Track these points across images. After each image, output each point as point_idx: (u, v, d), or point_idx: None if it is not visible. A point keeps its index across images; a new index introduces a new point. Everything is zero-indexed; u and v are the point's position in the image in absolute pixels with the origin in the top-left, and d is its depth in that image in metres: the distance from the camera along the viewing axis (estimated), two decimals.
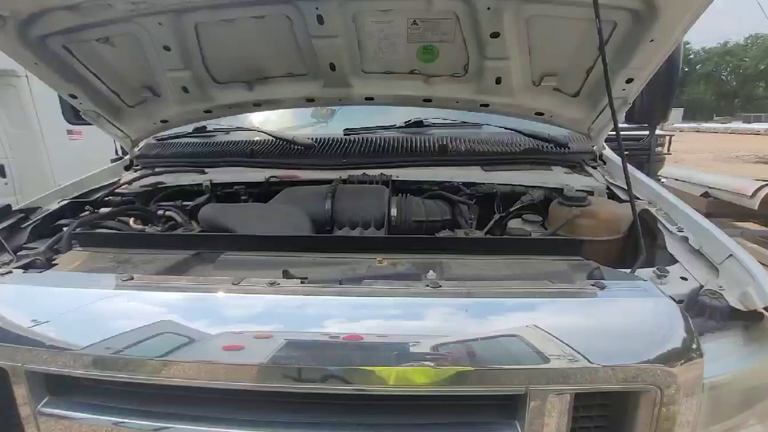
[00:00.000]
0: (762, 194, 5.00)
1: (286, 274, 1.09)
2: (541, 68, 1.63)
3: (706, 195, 6.04)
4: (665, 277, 1.15)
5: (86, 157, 5.62)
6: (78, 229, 1.49)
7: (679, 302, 0.99)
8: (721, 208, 5.67)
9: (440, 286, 0.96)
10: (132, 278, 1.04)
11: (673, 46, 1.38)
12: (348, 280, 1.05)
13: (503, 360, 0.85)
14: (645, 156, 4.89)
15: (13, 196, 5.28)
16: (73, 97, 1.77)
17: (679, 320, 0.90)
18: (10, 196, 5.23)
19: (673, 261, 1.25)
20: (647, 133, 3.62)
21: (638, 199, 1.59)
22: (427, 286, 0.96)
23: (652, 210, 1.49)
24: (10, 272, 1.12)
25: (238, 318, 0.92)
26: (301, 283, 0.99)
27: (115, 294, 0.99)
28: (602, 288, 0.95)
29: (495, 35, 1.47)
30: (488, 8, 1.37)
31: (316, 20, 1.46)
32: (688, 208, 1.42)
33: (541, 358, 0.84)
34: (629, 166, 1.79)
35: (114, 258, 1.31)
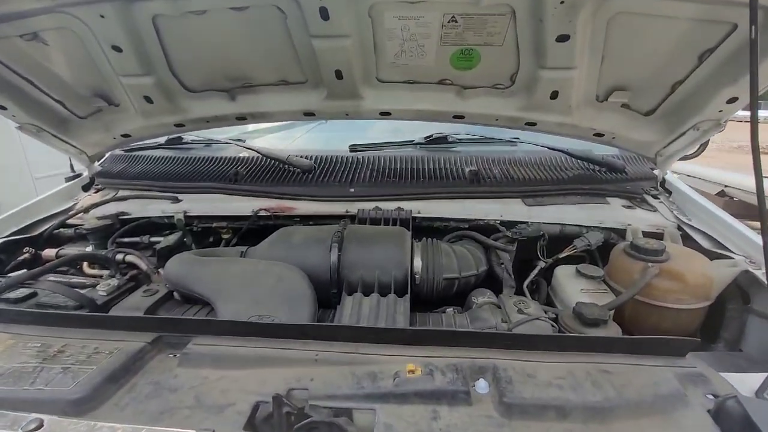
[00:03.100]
0: None
1: (277, 402, 0.74)
2: (612, 81, 1.25)
3: (722, 194, 5.74)
4: None
5: None
6: (1, 294, 1.12)
7: None
8: (739, 209, 5.37)
9: None
10: (41, 425, 0.68)
11: None
12: (369, 398, 0.75)
13: None
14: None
15: None
16: (2, 108, 1.36)
17: None
18: None
19: None
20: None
21: (731, 252, 1.25)
22: None
23: (758, 273, 1.14)
24: None
25: None
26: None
27: None
28: None
29: (562, 38, 1.08)
30: (561, 2, 0.98)
31: (318, 15, 1.06)
32: None
33: None
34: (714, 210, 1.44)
35: (41, 349, 0.95)
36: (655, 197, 1.58)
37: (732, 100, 1.16)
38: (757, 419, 0.68)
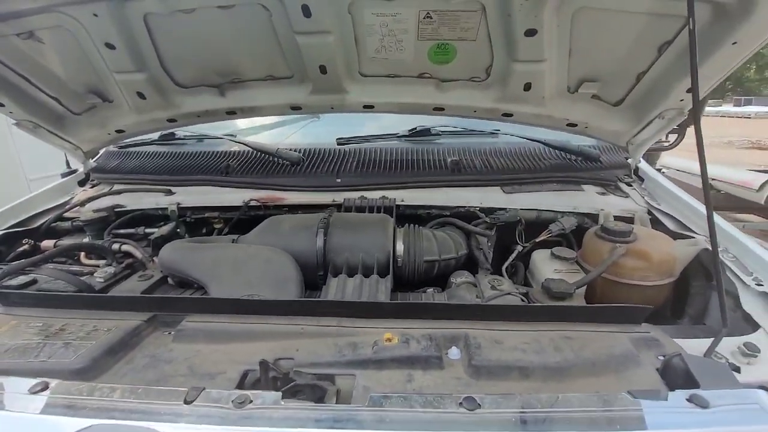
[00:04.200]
0: None
1: (264, 367, 0.81)
2: (581, 72, 1.33)
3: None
4: (755, 357, 0.89)
5: (59, 150, 5.18)
6: (2, 281, 1.18)
7: None
8: (725, 202, 5.48)
9: (480, 406, 0.68)
10: (46, 387, 0.74)
11: (756, 50, 1.08)
12: (350, 364, 0.82)
13: None
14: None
15: None
16: (0, 105, 1.42)
17: None
18: None
19: (752, 324, 1.00)
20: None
21: (694, 233, 1.33)
22: (461, 404, 0.69)
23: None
24: None
25: None
26: (282, 398, 0.71)
27: (15, 418, 0.70)
28: (704, 407, 0.68)
29: (530, 33, 1.15)
30: None
31: (301, 12, 1.12)
32: (766, 252, 1.16)
33: None
34: (684, 197, 1.53)
35: (43, 327, 1.01)
36: (628, 184, 1.66)
37: (691, 90, 1.24)
38: (696, 372, 0.76)
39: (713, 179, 5.79)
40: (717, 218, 1.36)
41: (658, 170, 2.06)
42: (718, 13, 1.01)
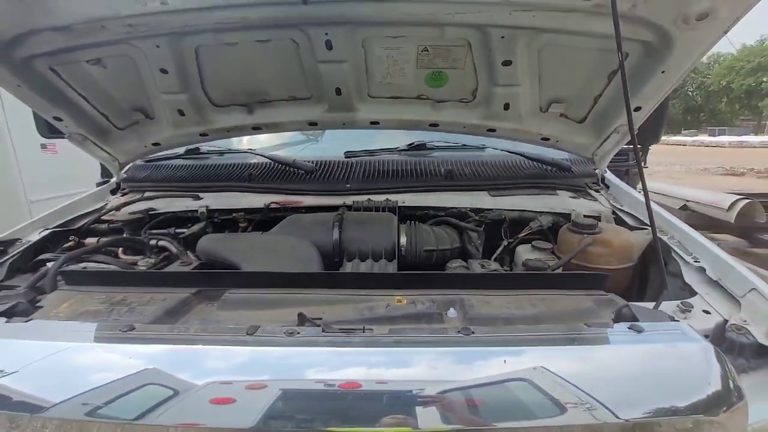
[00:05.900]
0: (738, 207, 5.17)
1: (302, 318, 1.01)
2: (549, 95, 1.63)
3: (684, 208, 6.24)
4: (689, 312, 1.13)
5: (61, 172, 5.34)
6: (65, 265, 1.37)
7: (704, 337, 0.97)
8: (699, 221, 5.85)
9: (473, 333, 0.90)
10: (133, 328, 0.94)
11: (683, 76, 1.39)
12: (368, 321, 1.00)
13: (535, 413, 0.79)
14: (624, 169, 5.00)
15: None
16: (58, 119, 1.65)
17: (718, 364, 0.87)
18: None
19: (691, 293, 1.24)
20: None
21: (648, 226, 1.59)
22: (459, 332, 0.91)
23: (664, 238, 1.49)
24: None
25: (259, 377, 0.84)
26: (323, 331, 0.92)
27: (116, 349, 0.89)
28: (639, 332, 0.91)
29: (506, 63, 1.45)
30: (502, 37, 1.35)
31: (324, 46, 1.41)
32: (702, 238, 1.42)
33: (578, 412, 0.79)
34: (634, 192, 1.81)
35: (106, 299, 1.20)
36: (596, 191, 1.94)
37: (637, 109, 1.54)
38: (639, 316, 1.00)
39: (687, 200, 6.21)
40: (664, 213, 1.64)
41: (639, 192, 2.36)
42: (647, 49, 1.32)
